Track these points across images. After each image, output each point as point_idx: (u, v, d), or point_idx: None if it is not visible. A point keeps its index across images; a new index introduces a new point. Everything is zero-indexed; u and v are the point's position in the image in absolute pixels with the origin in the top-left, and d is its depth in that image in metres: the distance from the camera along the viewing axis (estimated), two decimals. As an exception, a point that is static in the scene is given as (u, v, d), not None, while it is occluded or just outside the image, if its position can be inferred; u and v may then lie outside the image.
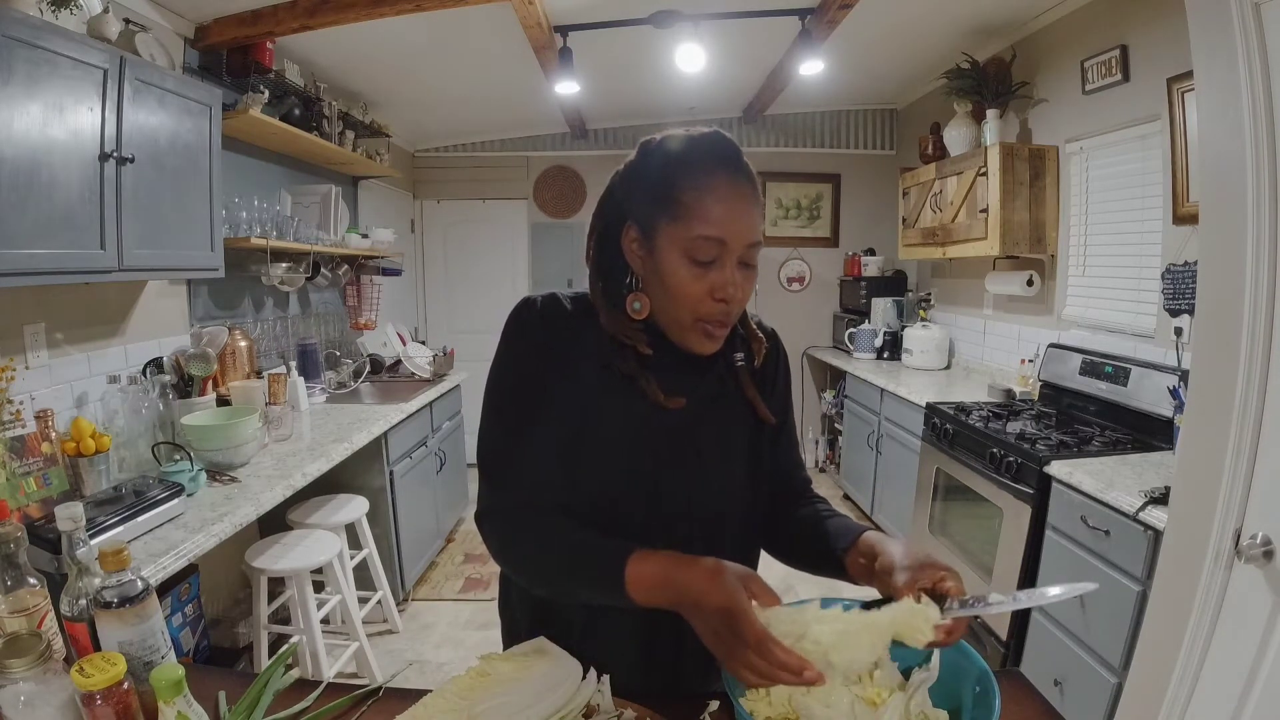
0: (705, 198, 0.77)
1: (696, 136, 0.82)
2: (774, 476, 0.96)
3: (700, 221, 0.77)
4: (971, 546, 2.48)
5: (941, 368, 3.78)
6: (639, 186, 0.83)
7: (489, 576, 3.28)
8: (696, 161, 0.79)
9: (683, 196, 0.78)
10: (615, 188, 0.87)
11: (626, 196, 0.85)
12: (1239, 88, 1.16)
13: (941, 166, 3.37)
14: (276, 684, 0.84)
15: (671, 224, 0.78)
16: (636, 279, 0.85)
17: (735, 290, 0.79)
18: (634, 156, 0.85)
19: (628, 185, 0.85)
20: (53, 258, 1.52)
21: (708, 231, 0.77)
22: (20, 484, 1.58)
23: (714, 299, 0.79)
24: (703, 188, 0.77)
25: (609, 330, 0.84)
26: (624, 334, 0.84)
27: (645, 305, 0.84)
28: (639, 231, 0.82)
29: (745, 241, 0.78)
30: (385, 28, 2.54)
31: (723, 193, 0.77)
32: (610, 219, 0.87)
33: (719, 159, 0.79)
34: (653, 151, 0.83)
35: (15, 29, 1.39)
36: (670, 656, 0.89)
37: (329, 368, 3.29)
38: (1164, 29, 2.25)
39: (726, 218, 0.77)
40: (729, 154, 0.80)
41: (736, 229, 0.77)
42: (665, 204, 0.79)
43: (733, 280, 0.78)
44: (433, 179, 4.82)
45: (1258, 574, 1.17)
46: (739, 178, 0.79)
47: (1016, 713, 0.81)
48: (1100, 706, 1.76)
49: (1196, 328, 1.33)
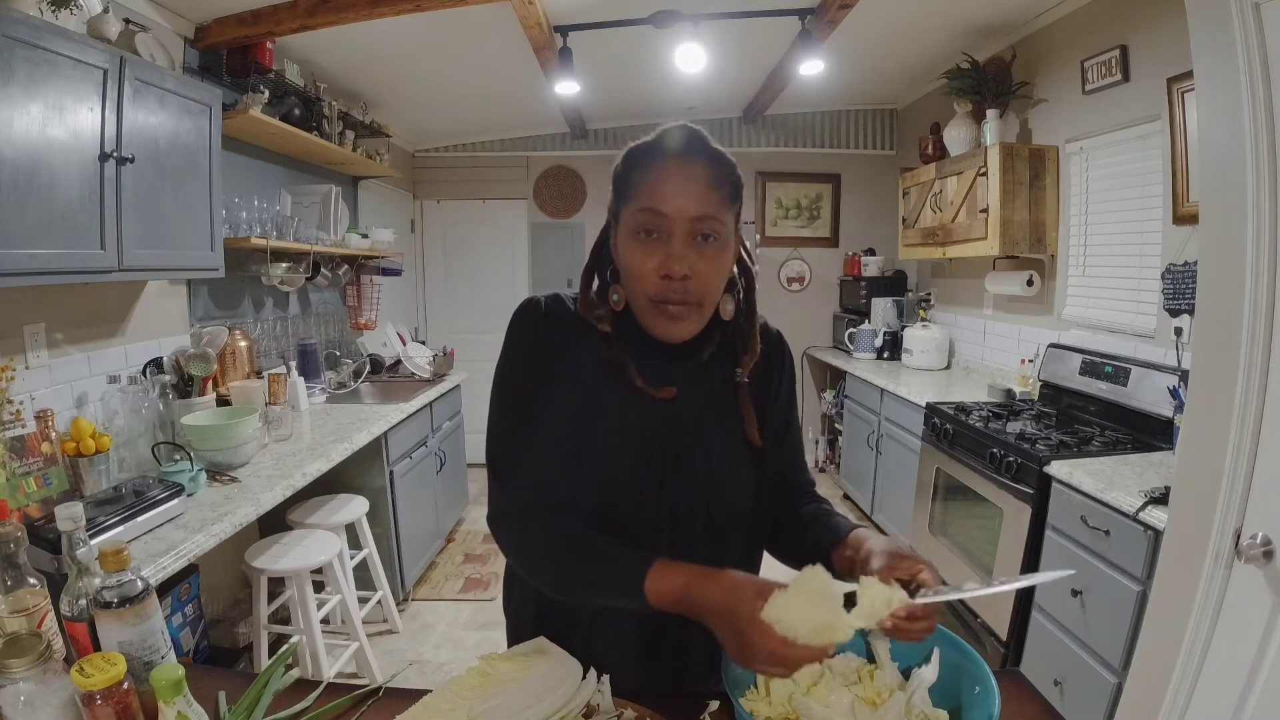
0: (650, 174, 0.80)
1: (662, 129, 0.84)
2: (778, 479, 0.96)
3: (644, 196, 0.80)
4: (971, 546, 2.48)
5: (941, 368, 3.78)
6: (613, 183, 0.87)
7: (489, 576, 3.28)
8: (652, 149, 0.82)
9: (632, 176, 0.82)
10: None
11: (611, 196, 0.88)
12: (1239, 88, 1.16)
13: (941, 166, 3.36)
14: (276, 684, 0.84)
15: (624, 206, 0.83)
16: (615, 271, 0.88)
17: (678, 264, 0.78)
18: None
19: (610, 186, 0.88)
20: (53, 258, 1.52)
21: (647, 203, 0.79)
22: (20, 484, 1.58)
23: (659, 276, 0.79)
24: (649, 167, 0.81)
25: (580, 313, 0.87)
26: (589, 315, 0.86)
27: (622, 297, 0.86)
28: (612, 224, 0.86)
29: (688, 214, 0.78)
30: (385, 28, 2.54)
31: (667, 168, 0.80)
32: (608, 221, 0.90)
33: (673, 143, 0.82)
34: (628, 151, 0.86)
35: (15, 29, 1.39)
36: (671, 656, 0.90)
37: (329, 368, 3.29)
38: (1164, 29, 2.25)
39: (668, 191, 0.78)
40: (685, 139, 0.82)
41: (677, 202, 0.78)
42: (621, 190, 0.83)
43: (677, 255, 0.78)
44: (433, 179, 4.82)
45: (1258, 574, 1.17)
46: (689, 157, 0.80)
47: (1016, 713, 0.81)
48: (1100, 706, 1.76)
49: (1196, 328, 1.32)
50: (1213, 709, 1.23)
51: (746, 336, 0.92)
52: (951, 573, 2.62)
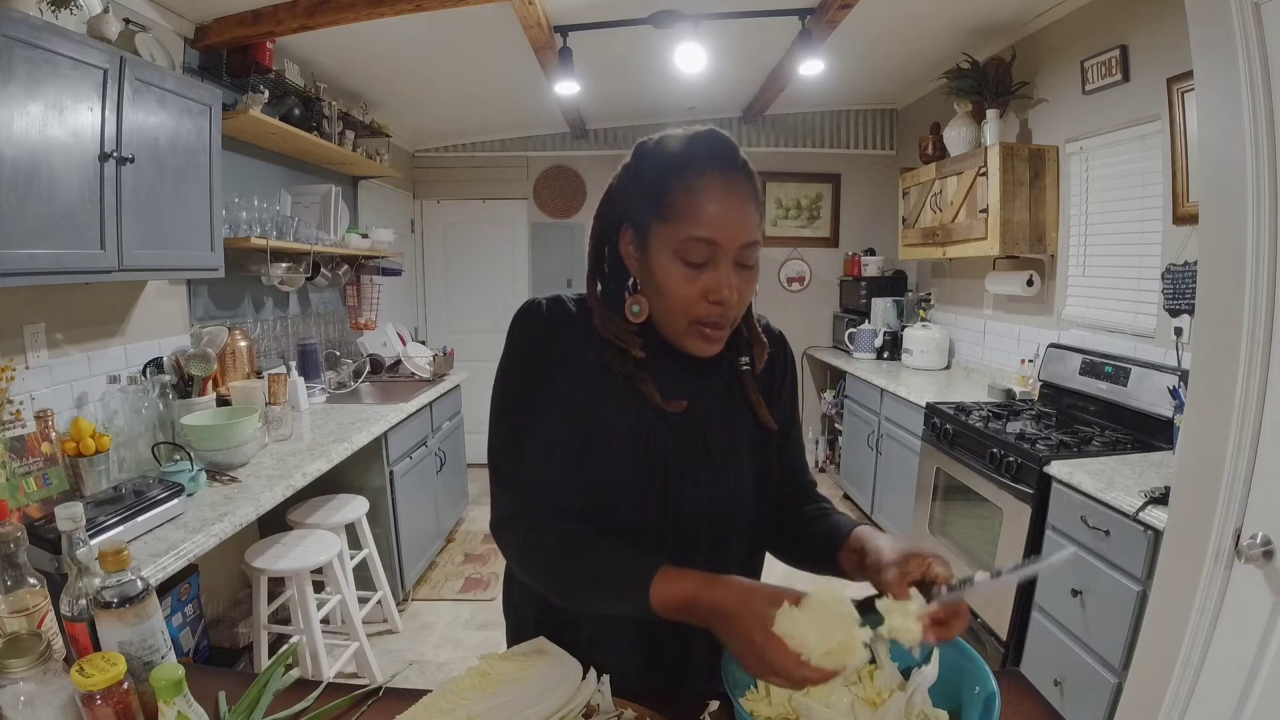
0: (695, 197, 0.75)
1: (689, 135, 0.80)
2: (780, 479, 0.96)
3: (690, 222, 0.75)
4: (972, 546, 2.48)
5: (941, 368, 3.78)
6: (633, 189, 0.82)
7: (489, 576, 3.28)
8: (688, 161, 0.77)
9: (673, 198, 0.76)
10: (614, 190, 0.86)
11: (623, 199, 0.84)
12: (1239, 88, 1.15)
13: (941, 166, 3.36)
14: (276, 684, 0.84)
15: (662, 225, 0.77)
16: (635, 282, 0.85)
17: (729, 292, 0.77)
18: (629, 159, 0.84)
19: (624, 188, 0.84)
20: (53, 258, 1.52)
21: (698, 232, 0.75)
22: (20, 484, 1.58)
23: (708, 301, 0.77)
24: (693, 187, 0.75)
25: (603, 333, 0.84)
26: (617, 337, 0.83)
27: (644, 308, 0.83)
28: (634, 234, 0.82)
29: (739, 242, 0.76)
30: (385, 28, 2.54)
31: (714, 192, 0.75)
32: (609, 222, 0.87)
33: (711, 157, 0.77)
34: (647, 153, 0.82)
35: (15, 29, 1.39)
36: (671, 657, 0.89)
37: (329, 368, 3.29)
38: (1164, 29, 2.25)
39: (718, 218, 0.75)
40: (722, 152, 0.78)
41: (729, 229, 0.75)
42: (656, 205, 0.77)
43: (727, 282, 0.77)
44: (433, 179, 4.82)
45: (1258, 574, 1.17)
46: (732, 175, 0.77)
47: (1016, 713, 0.81)
48: (1100, 706, 1.76)
49: (1196, 328, 1.32)
50: (1213, 709, 1.23)
51: (748, 335, 0.91)
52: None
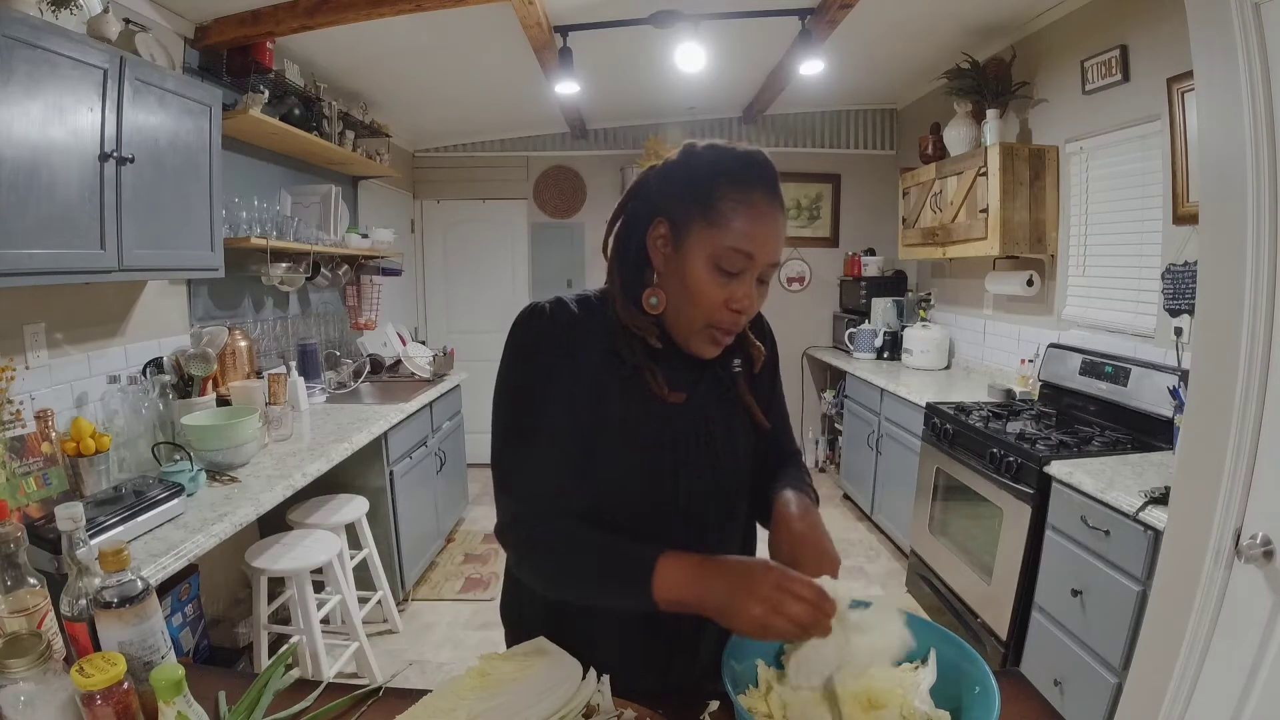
0: (743, 210, 0.79)
1: (743, 151, 0.84)
2: (766, 449, 0.99)
3: (734, 233, 0.79)
4: (972, 546, 2.48)
5: (941, 368, 3.78)
6: (678, 185, 0.84)
7: (489, 576, 3.28)
8: (741, 175, 0.81)
9: (722, 204, 0.80)
10: (649, 182, 0.87)
11: (661, 193, 0.85)
12: (1239, 88, 1.15)
13: (941, 166, 3.36)
14: (276, 684, 0.84)
15: (706, 228, 0.80)
16: (655, 274, 0.86)
17: (750, 304, 0.82)
18: (676, 156, 0.86)
19: (664, 182, 0.85)
20: (53, 258, 1.52)
21: (739, 244, 0.79)
22: (20, 484, 1.58)
23: (729, 309, 0.82)
24: (742, 200, 0.80)
25: (623, 319, 0.86)
26: (636, 325, 0.85)
27: (661, 301, 0.85)
28: (669, 229, 0.83)
29: (770, 260, 0.82)
30: (385, 28, 2.54)
31: (759, 210, 0.80)
32: (639, 214, 0.87)
33: (761, 178, 0.82)
34: (699, 154, 0.84)
35: (15, 29, 1.39)
36: (671, 657, 0.90)
37: (329, 368, 3.29)
38: (1164, 29, 2.25)
39: (759, 235, 0.80)
40: (770, 176, 0.83)
41: (766, 248, 0.80)
42: (703, 207, 0.80)
43: (750, 294, 0.82)
44: (433, 179, 4.82)
45: (1258, 574, 1.17)
46: (775, 200, 0.82)
47: (1016, 713, 0.81)
48: (1100, 706, 1.76)
49: (1196, 328, 1.33)
50: (1213, 709, 1.23)
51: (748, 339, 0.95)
52: (952, 573, 2.62)
